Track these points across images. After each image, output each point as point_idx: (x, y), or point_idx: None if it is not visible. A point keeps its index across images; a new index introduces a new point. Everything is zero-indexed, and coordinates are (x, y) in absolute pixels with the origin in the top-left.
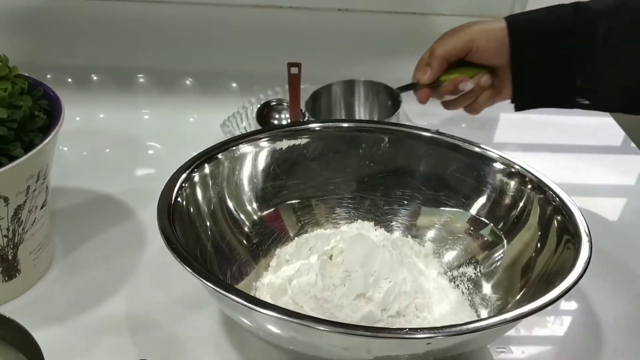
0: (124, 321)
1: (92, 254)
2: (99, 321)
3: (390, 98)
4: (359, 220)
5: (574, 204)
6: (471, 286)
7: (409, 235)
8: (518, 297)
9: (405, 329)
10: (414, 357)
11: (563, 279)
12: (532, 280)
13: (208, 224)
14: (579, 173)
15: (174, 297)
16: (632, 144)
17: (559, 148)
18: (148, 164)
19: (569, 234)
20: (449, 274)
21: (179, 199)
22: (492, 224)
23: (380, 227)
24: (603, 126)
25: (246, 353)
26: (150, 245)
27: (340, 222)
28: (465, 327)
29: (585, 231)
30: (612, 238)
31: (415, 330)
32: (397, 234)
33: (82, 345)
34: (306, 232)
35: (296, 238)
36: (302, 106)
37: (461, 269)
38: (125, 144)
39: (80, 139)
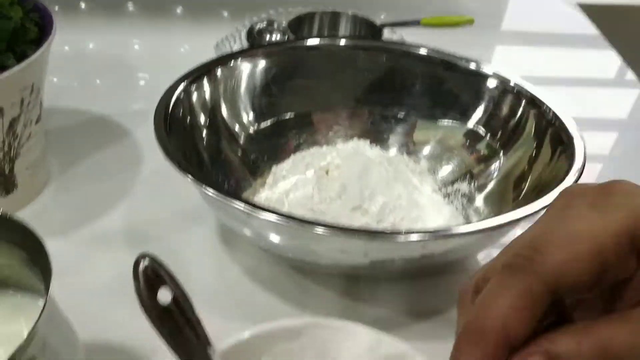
0: (122, 235)
1: (89, 171)
2: (98, 235)
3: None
4: (355, 139)
5: (568, 116)
6: (465, 202)
7: (404, 153)
8: (510, 208)
9: (402, 230)
10: (409, 263)
11: (556, 187)
12: (525, 192)
13: (205, 136)
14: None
15: (172, 212)
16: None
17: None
18: (140, 91)
19: (563, 144)
20: (444, 190)
21: (176, 110)
22: (488, 136)
23: (376, 146)
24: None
25: (245, 264)
26: (146, 164)
27: (337, 140)
28: (459, 229)
29: (579, 142)
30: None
31: (411, 232)
32: (392, 151)
33: (82, 257)
34: (302, 150)
35: (292, 155)
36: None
37: (455, 185)
38: (116, 73)
39: (70, 68)
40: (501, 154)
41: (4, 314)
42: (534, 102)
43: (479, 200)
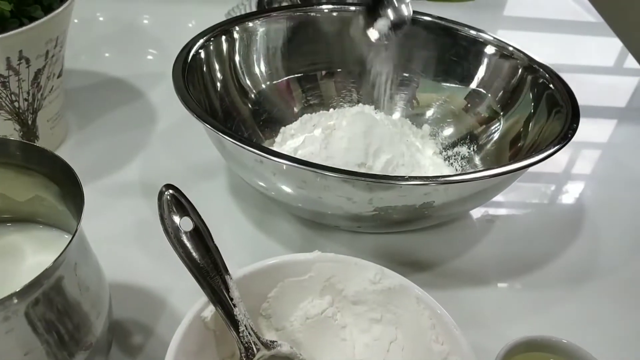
0: (139, 186)
1: (105, 128)
2: (116, 186)
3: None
4: (360, 104)
5: (563, 80)
6: (465, 164)
7: (407, 118)
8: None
9: (406, 176)
10: (410, 212)
11: (551, 145)
12: (521, 151)
13: (220, 92)
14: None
15: (186, 167)
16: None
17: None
18: (152, 58)
19: (558, 106)
20: (444, 153)
21: (193, 64)
22: (490, 97)
23: (381, 111)
24: None
25: (254, 216)
26: (160, 122)
27: (343, 104)
28: (462, 176)
29: (573, 103)
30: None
31: (415, 177)
32: (396, 115)
33: (102, 206)
34: (310, 112)
35: (300, 117)
36: None
37: (456, 149)
38: (129, 43)
39: (83, 37)
40: (501, 114)
41: (34, 247)
42: (532, 67)
43: (478, 161)
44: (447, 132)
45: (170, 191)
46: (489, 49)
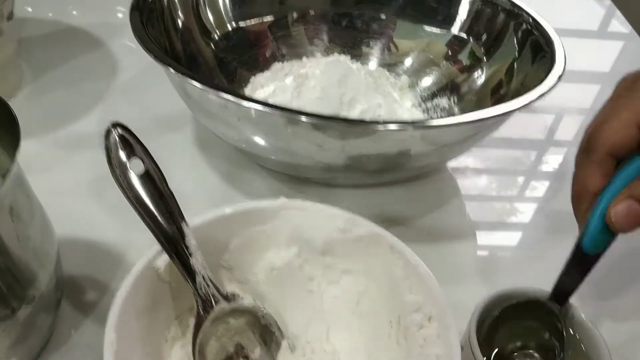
0: (97, 138)
1: (63, 77)
2: (73, 136)
3: None
4: (336, 54)
5: (548, 24)
6: (444, 115)
7: (385, 69)
8: None
9: (381, 120)
10: (384, 161)
11: (535, 90)
12: (504, 100)
13: (183, 37)
14: None
15: (149, 119)
16: None
17: None
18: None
19: (543, 51)
20: (423, 106)
21: (154, 5)
22: (472, 42)
23: (357, 61)
24: None
25: (222, 169)
26: (122, 72)
27: (317, 54)
28: (439, 121)
29: (559, 48)
30: None
31: (390, 122)
32: (373, 65)
33: (58, 159)
34: (282, 62)
35: (272, 66)
36: None
37: (435, 100)
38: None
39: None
40: (484, 61)
41: None
42: (515, 12)
43: (457, 112)
44: (426, 83)
45: (119, 130)
46: None
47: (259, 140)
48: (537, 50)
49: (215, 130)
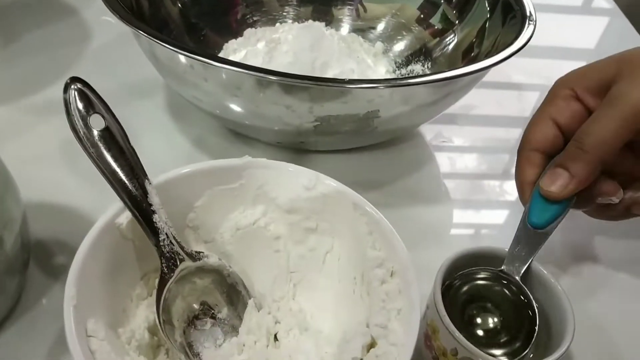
0: None
1: (33, 46)
2: (43, 103)
3: None
4: (310, 20)
5: None
6: None
7: (359, 35)
8: None
9: (346, 79)
10: (354, 122)
11: (506, 51)
12: (476, 61)
13: (150, 2)
14: None
15: (120, 86)
16: None
17: None
18: None
19: (513, 11)
20: (397, 72)
21: None
22: (444, 4)
23: (331, 27)
24: None
25: (193, 135)
26: (93, 41)
27: (289, 20)
28: (409, 80)
29: (529, 9)
30: None
31: (357, 80)
32: (345, 30)
33: (27, 125)
34: (255, 27)
35: (245, 32)
36: None
37: (410, 67)
38: None
39: None
40: (456, 24)
41: None
42: None
43: None
44: (399, 48)
45: (78, 85)
46: None
47: (229, 104)
48: (507, 11)
49: (186, 95)
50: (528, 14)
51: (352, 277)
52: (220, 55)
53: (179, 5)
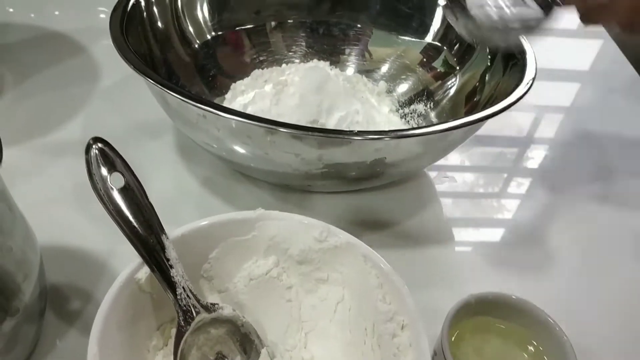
0: (80, 145)
1: (45, 84)
2: (55, 145)
3: None
4: (315, 60)
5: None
6: (421, 121)
7: (363, 75)
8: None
9: (355, 130)
10: (361, 168)
11: (507, 98)
12: (478, 106)
13: (161, 39)
14: None
15: (130, 126)
16: None
17: None
18: (97, 9)
19: (515, 58)
20: (401, 111)
21: (134, 13)
22: (446, 50)
23: (336, 67)
24: None
25: (201, 175)
26: (103, 79)
27: (296, 60)
28: (413, 131)
29: (530, 56)
30: None
31: (364, 132)
32: (350, 71)
33: (40, 166)
34: (261, 68)
35: (252, 72)
36: None
37: (412, 106)
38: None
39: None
40: (457, 69)
41: None
42: None
43: (434, 117)
44: (403, 88)
45: (99, 144)
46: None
47: (239, 149)
48: (509, 58)
49: (195, 139)
50: (529, 61)
51: (362, 328)
52: (228, 95)
53: (189, 49)
